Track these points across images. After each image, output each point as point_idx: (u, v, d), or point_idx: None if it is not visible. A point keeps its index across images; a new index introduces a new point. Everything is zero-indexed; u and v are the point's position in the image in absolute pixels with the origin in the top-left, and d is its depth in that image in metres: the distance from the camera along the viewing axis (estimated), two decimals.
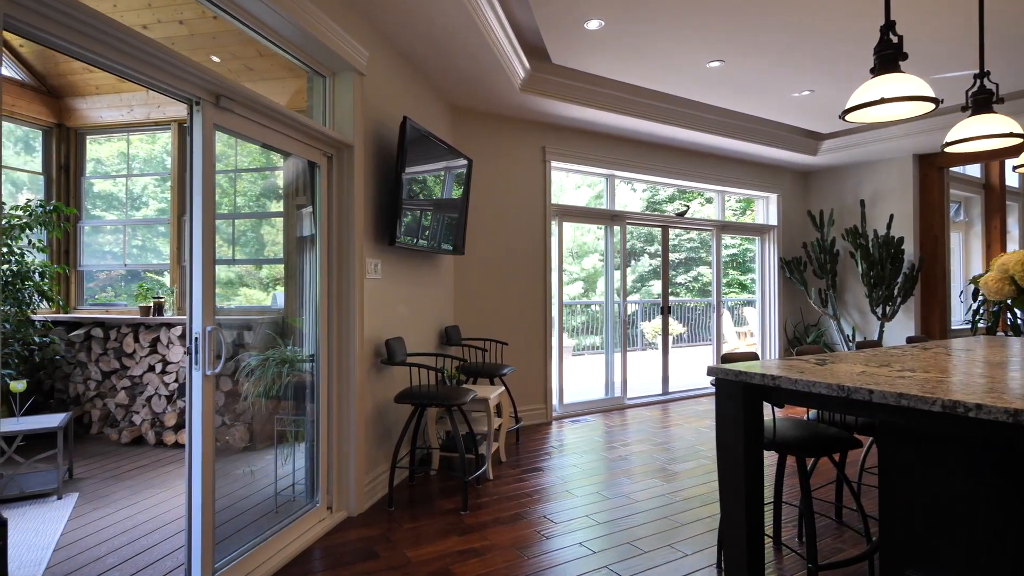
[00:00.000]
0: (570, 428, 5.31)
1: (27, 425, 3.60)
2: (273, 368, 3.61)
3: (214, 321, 2.36)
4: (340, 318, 3.25)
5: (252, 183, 5.33)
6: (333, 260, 3.25)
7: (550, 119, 5.44)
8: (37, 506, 3.48)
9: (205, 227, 2.32)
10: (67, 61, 5.13)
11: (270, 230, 5.43)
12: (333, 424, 3.23)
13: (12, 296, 4.63)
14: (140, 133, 5.54)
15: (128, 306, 5.44)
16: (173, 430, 4.76)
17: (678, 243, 16.57)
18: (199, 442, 2.32)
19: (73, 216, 5.49)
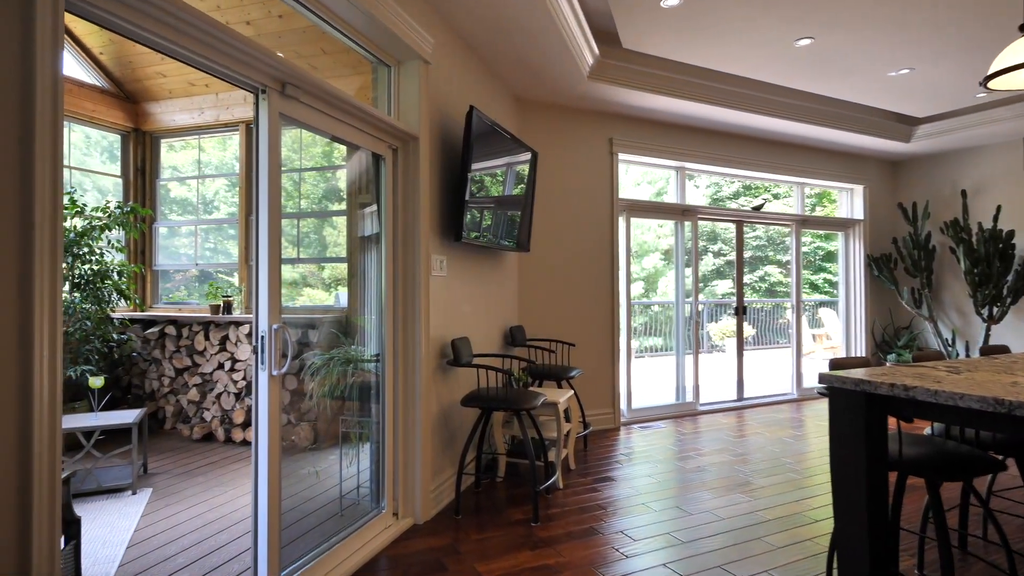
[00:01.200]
0: (640, 434, 5.03)
1: (104, 420, 3.67)
2: (337, 368, 3.53)
3: (280, 319, 2.26)
4: (405, 317, 3.12)
5: (315, 185, 5.34)
6: (398, 256, 3.13)
7: (618, 109, 5.17)
8: (113, 501, 3.53)
9: (271, 221, 2.22)
10: (142, 67, 5.28)
11: (332, 231, 5.43)
12: (398, 426, 3.10)
13: (93, 294, 4.79)
14: (210, 135, 5.65)
15: (200, 304, 5.55)
16: (241, 427, 4.80)
17: (744, 241, 15.85)
18: (265, 443, 2.23)
19: (148, 217, 5.66)
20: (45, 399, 1.32)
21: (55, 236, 1.35)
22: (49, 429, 1.33)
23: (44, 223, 1.32)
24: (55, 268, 1.36)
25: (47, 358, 1.33)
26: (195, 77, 5.32)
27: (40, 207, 1.31)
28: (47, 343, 1.33)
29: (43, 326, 1.32)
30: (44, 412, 1.32)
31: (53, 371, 1.34)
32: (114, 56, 5.26)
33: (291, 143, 5.38)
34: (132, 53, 5.18)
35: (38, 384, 1.30)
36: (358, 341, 3.95)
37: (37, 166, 1.31)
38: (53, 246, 1.35)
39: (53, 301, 1.35)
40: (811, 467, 4.08)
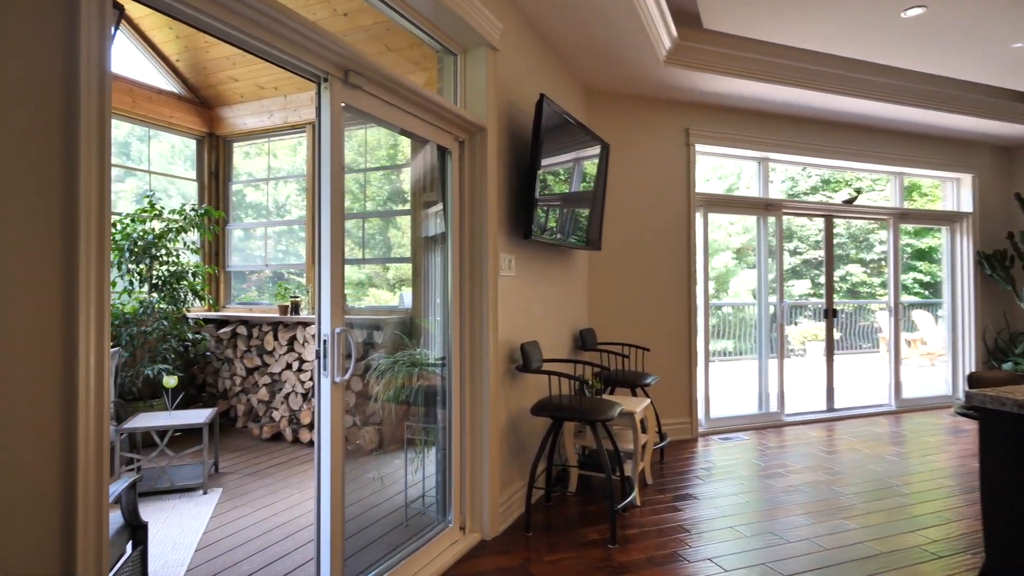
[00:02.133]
0: (720, 447, 4.66)
1: (177, 420, 3.70)
2: (403, 371, 3.41)
3: (343, 322, 2.12)
4: (472, 319, 2.94)
5: (379, 188, 5.29)
6: (465, 255, 2.95)
7: (695, 96, 4.82)
8: (184, 500, 3.55)
9: (333, 217, 2.09)
10: (215, 72, 5.39)
11: (396, 232, 5.36)
12: (465, 435, 2.93)
13: (170, 295, 4.91)
14: (279, 138, 5.71)
15: (270, 305, 5.62)
16: (308, 428, 4.79)
17: (823, 238, 14.85)
18: (328, 453, 2.09)
19: (221, 219, 5.79)
20: (91, 409, 1.20)
21: (102, 238, 1.24)
22: (95, 440, 1.22)
23: (90, 224, 1.21)
24: (102, 271, 1.24)
25: (93, 365, 1.21)
26: (264, 80, 5.38)
27: (85, 207, 1.20)
28: (93, 349, 1.21)
29: (89, 332, 1.20)
30: (90, 422, 1.20)
31: (100, 379, 1.23)
32: (189, 63, 5.39)
33: (357, 147, 5.36)
34: (206, 59, 5.29)
35: (83, 393, 1.19)
36: (422, 343, 3.82)
37: (82, 167, 1.20)
38: (100, 249, 1.23)
39: (100, 306, 1.23)
40: (923, 491, 3.61)
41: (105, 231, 1.25)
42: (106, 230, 1.25)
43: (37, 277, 1.14)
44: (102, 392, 1.23)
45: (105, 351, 1.25)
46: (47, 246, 1.15)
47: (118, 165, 5.43)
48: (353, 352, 2.11)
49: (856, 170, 6.11)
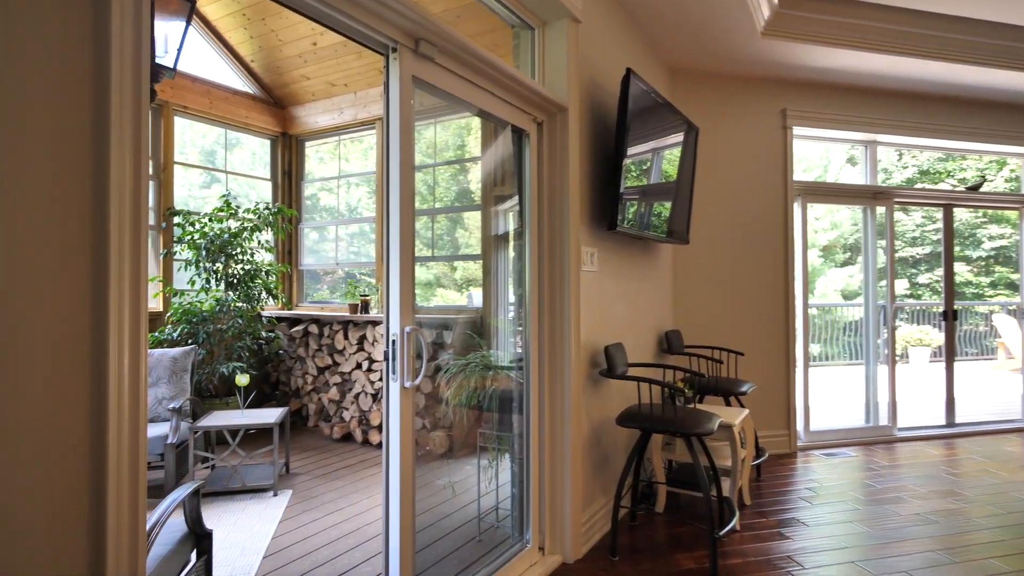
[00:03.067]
0: (824, 464, 4.16)
1: (248, 419, 3.64)
2: (475, 374, 3.18)
3: (413, 321, 1.90)
4: (552, 318, 2.67)
5: (447, 189, 5.12)
6: (543, 248, 2.68)
7: (795, 72, 4.34)
8: (255, 502, 3.47)
9: (403, 201, 1.87)
10: (288, 71, 5.40)
11: (463, 232, 5.18)
12: (545, 445, 2.66)
13: (244, 293, 4.93)
14: (349, 135, 5.66)
15: (340, 303, 5.57)
16: (378, 429, 4.67)
17: (920, 235, 13.56)
18: (397, 465, 1.88)
19: (294, 218, 5.81)
20: (124, 422, 1.02)
21: (137, 236, 1.06)
22: (130, 458, 1.03)
23: (123, 221, 1.04)
24: (137, 271, 1.07)
25: (128, 371, 1.03)
26: (335, 77, 5.34)
27: (117, 205, 1.03)
28: (127, 352, 1.03)
29: (122, 335, 1.02)
30: (123, 437, 1.02)
31: (136, 388, 1.04)
32: (264, 63, 5.43)
33: (424, 148, 5.22)
34: (279, 58, 5.30)
35: (114, 403, 1.00)
36: (496, 344, 3.59)
37: (113, 163, 1.03)
38: (135, 247, 1.06)
39: (136, 308, 1.05)
40: None
41: (141, 229, 1.08)
42: (142, 228, 1.08)
43: (59, 278, 0.96)
44: (137, 404, 1.05)
45: (142, 358, 1.06)
46: (72, 246, 0.98)
47: (195, 166, 5.54)
48: (424, 353, 1.89)
49: (982, 152, 5.38)
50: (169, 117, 4.90)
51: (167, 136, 4.90)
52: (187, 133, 5.39)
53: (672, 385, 2.67)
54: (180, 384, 3.88)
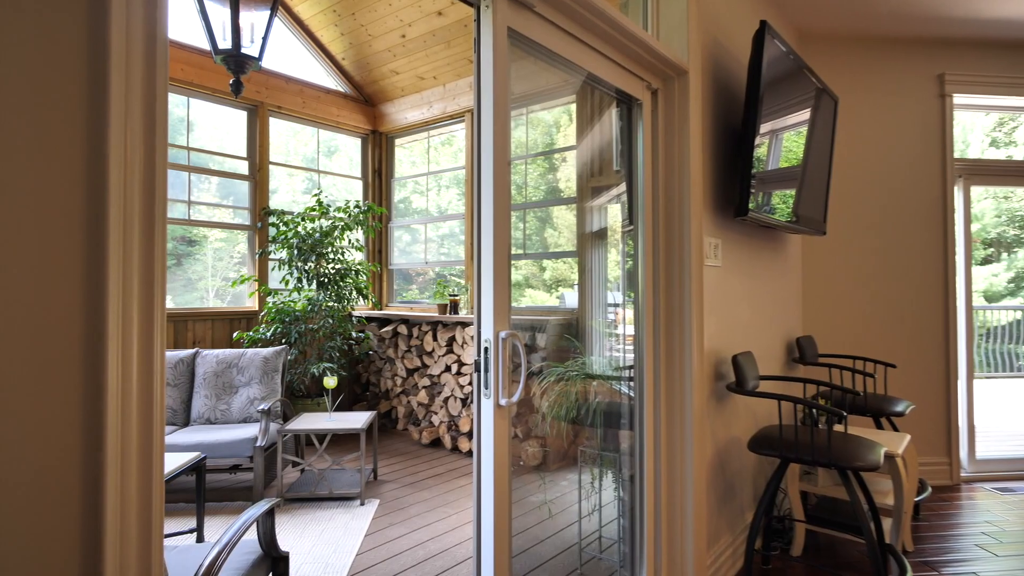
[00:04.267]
0: (998, 501, 3.41)
1: (335, 424, 3.50)
2: (577, 383, 2.82)
3: (509, 324, 1.57)
4: (669, 322, 2.25)
5: (535, 187, 4.80)
6: (659, 239, 2.27)
7: (955, 28, 3.61)
8: (342, 510, 3.31)
9: (497, 177, 1.55)
10: (378, 66, 5.30)
11: (552, 232, 4.82)
12: (661, 471, 2.25)
13: (335, 293, 4.87)
14: (438, 129, 5.49)
15: (429, 304, 5.41)
16: (467, 437, 4.43)
17: None
18: (490, 494, 1.56)
19: (384, 216, 5.72)
20: (132, 436, 0.75)
21: (150, 229, 0.80)
22: (139, 481, 0.77)
23: (130, 213, 0.77)
24: (151, 267, 0.80)
25: (137, 381, 0.76)
26: (423, 70, 5.17)
27: (117, 196, 0.76)
28: (136, 360, 0.76)
29: (128, 348, 0.75)
30: (129, 459, 0.75)
31: (148, 396, 0.78)
32: (354, 60, 5.37)
33: (514, 147, 4.90)
34: (369, 54, 5.21)
35: (112, 413, 0.74)
36: (589, 349, 3.21)
37: (112, 149, 0.76)
38: (148, 242, 0.79)
39: (149, 308, 0.78)
40: None
41: (155, 231, 0.81)
42: (155, 221, 0.82)
43: (42, 274, 0.71)
44: (153, 415, 0.78)
45: (155, 362, 0.79)
46: (57, 247, 0.72)
47: (289, 165, 5.58)
48: (523, 363, 1.55)
49: None
50: (264, 117, 4.93)
51: (262, 136, 4.93)
52: (283, 133, 5.44)
53: (828, 408, 2.16)
54: (271, 384, 3.82)
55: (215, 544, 1.69)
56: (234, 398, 3.76)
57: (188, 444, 3.24)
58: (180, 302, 8.09)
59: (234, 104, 4.82)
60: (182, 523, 3.09)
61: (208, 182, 5.57)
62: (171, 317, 4.36)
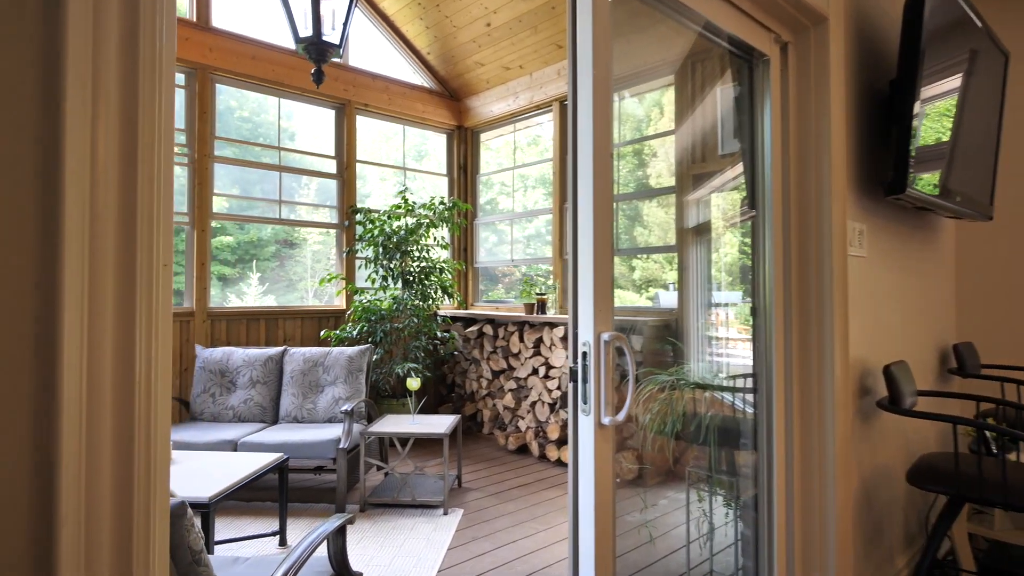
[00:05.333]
0: None
1: (418, 428, 3.34)
2: (684, 393, 2.46)
3: (613, 325, 1.28)
4: (803, 324, 1.86)
5: (626, 181, 4.43)
6: (789, 224, 1.89)
7: None
8: (425, 519, 3.14)
9: (598, 152, 1.26)
10: (462, 59, 5.15)
11: (642, 230, 4.43)
12: (794, 504, 1.86)
13: (420, 292, 4.76)
14: (524, 120, 5.26)
15: (515, 303, 5.19)
16: (555, 444, 4.15)
17: None
18: (589, 531, 1.27)
19: (469, 213, 5.57)
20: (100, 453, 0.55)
21: (131, 241, 0.59)
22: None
23: (103, 227, 0.56)
24: (150, 284, 0.59)
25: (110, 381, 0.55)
26: (509, 59, 4.96)
27: (74, 223, 0.55)
28: (109, 360, 0.55)
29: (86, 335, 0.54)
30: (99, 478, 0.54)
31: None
32: (439, 54, 5.25)
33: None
34: (453, 46, 5.08)
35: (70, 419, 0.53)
36: (690, 355, 2.83)
37: (68, 136, 0.55)
38: (128, 253, 0.58)
39: (123, 313, 0.57)
40: None
41: (139, 215, 0.59)
42: (151, 214, 0.60)
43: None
44: (159, 427, 0.57)
45: (156, 365, 0.58)
46: None
47: (375, 163, 5.55)
48: (631, 372, 1.26)
49: None
50: (351, 115, 4.92)
51: (349, 134, 4.92)
52: (369, 130, 5.43)
53: (986, 425, 1.68)
54: (355, 384, 3.74)
55: (283, 562, 1.54)
56: (320, 397, 3.72)
57: (273, 443, 3.20)
58: (282, 301, 8.41)
59: (322, 103, 4.84)
60: (266, 524, 3.04)
61: (307, 186, 5.67)
62: (262, 315, 4.42)
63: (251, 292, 7.76)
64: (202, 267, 4.09)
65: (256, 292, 7.79)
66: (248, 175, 4.96)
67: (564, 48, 4.59)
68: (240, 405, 3.63)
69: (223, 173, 4.46)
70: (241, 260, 7.88)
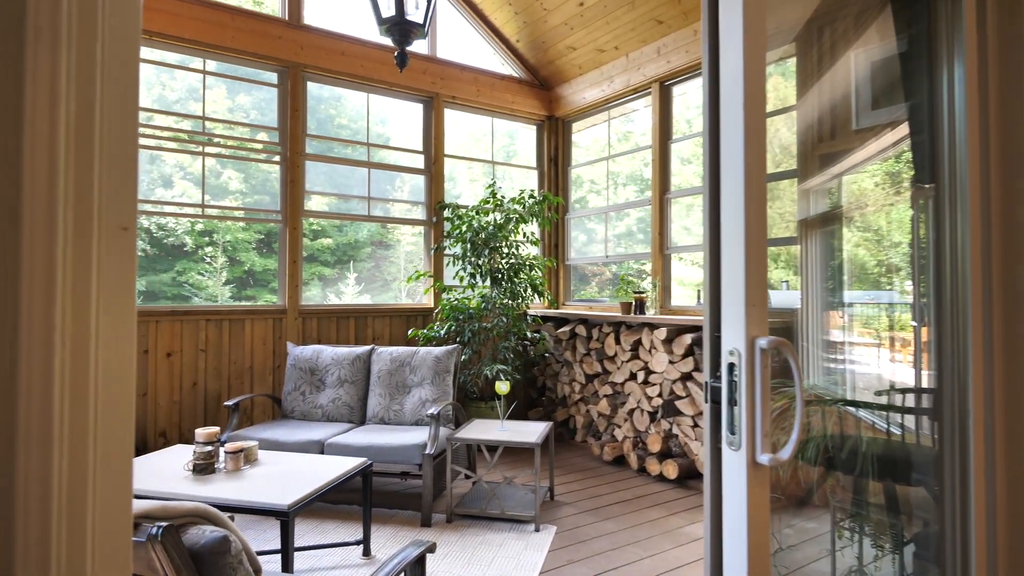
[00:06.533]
0: None
1: (507, 435, 3.10)
2: (830, 412, 2.04)
3: (767, 329, 0.95)
4: (1007, 327, 1.41)
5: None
6: (989, 200, 1.44)
7: None
8: (514, 536, 2.89)
9: (750, 124, 0.94)
10: (553, 44, 4.87)
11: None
12: (996, 560, 1.41)
13: (509, 290, 4.54)
14: (619, 105, 4.89)
15: (610, 302, 4.84)
16: (657, 458, 3.77)
17: None
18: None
19: (561, 207, 5.28)
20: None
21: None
22: None
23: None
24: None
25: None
26: (604, 40, 4.62)
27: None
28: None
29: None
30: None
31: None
32: (528, 41, 5.01)
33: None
34: (544, 31, 4.81)
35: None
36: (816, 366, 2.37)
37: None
38: None
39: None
40: None
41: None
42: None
43: None
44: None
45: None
46: None
47: (463, 157, 5.40)
48: (798, 395, 0.91)
49: None
50: (439, 109, 4.79)
51: (437, 128, 4.79)
52: (457, 123, 5.29)
53: None
54: (443, 386, 3.56)
55: None
56: (407, 398, 3.58)
57: (359, 446, 3.08)
58: (377, 300, 8.55)
59: (410, 97, 4.74)
60: (350, 531, 2.92)
61: (400, 188, 5.62)
62: (352, 313, 4.38)
63: (348, 291, 7.94)
64: (294, 265, 4.10)
65: (353, 291, 7.96)
66: (340, 175, 4.96)
67: (664, 23, 4.19)
68: (328, 404, 3.56)
69: (316, 173, 4.47)
70: (340, 261, 8.09)
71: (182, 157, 5.88)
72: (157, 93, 5.69)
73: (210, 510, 1.01)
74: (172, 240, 6.71)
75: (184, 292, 6.61)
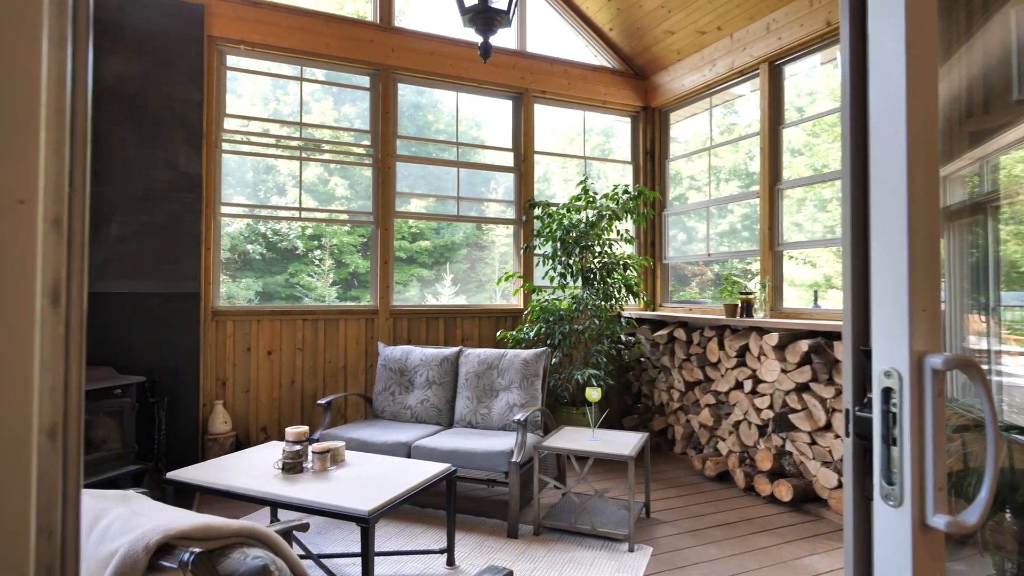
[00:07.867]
0: None
1: (599, 446, 2.90)
2: (976, 437, 1.66)
3: (940, 343, 0.70)
4: None
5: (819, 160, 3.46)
6: None
7: None
8: (606, 555, 2.69)
9: (913, 86, 0.69)
10: (649, 29, 4.58)
11: (826, 216, 3.41)
12: None
13: (602, 291, 4.32)
14: (723, 90, 4.51)
15: (712, 304, 4.48)
16: (767, 477, 3.39)
17: None
18: None
19: (657, 203, 4.97)
20: None
21: None
22: None
23: None
24: None
25: None
26: (705, 21, 4.27)
27: None
28: None
29: None
30: None
31: None
32: (622, 28, 4.75)
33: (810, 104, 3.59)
34: (638, 16, 4.54)
35: None
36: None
37: None
38: None
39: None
40: None
41: None
42: None
43: None
44: None
45: None
46: None
47: (554, 153, 5.23)
48: (991, 437, 0.66)
49: None
50: (529, 105, 4.66)
51: (527, 124, 4.66)
52: (548, 119, 5.14)
53: None
54: (531, 391, 3.42)
55: None
56: (494, 402, 3.47)
57: (445, 450, 3.00)
58: (472, 301, 8.61)
59: (499, 94, 4.65)
60: (434, 537, 2.85)
61: (495, 190, 5.57)
62: (441, 314, 4.35)
63: (445, 292, 8.06)
64: (385, 265, 4.13)
65: (449, 292, 8.07)
66: (437, 177, 4.98)
67: None
68: (417, 405, 3.54)
69: (413, 176, 4.50)
70: (437, 262, 8.24)
71: (294, 166, 6.20)
72: (273, 108, 6.03)
73: (260, 530, 0.93)
74: (285, 244, 7.11)
75: (296, 292, 6.98)
